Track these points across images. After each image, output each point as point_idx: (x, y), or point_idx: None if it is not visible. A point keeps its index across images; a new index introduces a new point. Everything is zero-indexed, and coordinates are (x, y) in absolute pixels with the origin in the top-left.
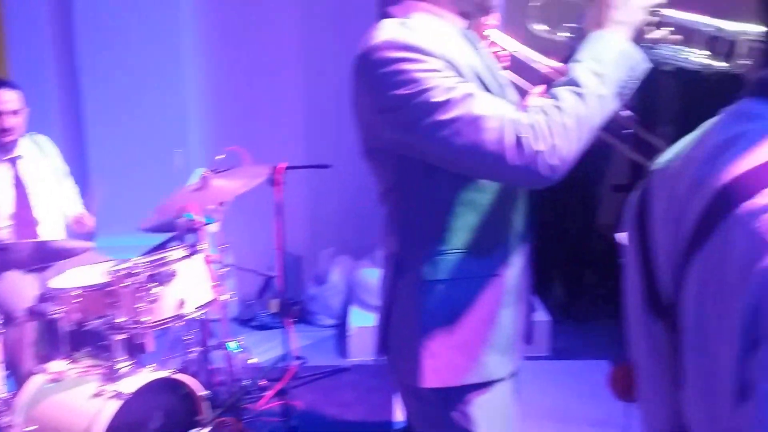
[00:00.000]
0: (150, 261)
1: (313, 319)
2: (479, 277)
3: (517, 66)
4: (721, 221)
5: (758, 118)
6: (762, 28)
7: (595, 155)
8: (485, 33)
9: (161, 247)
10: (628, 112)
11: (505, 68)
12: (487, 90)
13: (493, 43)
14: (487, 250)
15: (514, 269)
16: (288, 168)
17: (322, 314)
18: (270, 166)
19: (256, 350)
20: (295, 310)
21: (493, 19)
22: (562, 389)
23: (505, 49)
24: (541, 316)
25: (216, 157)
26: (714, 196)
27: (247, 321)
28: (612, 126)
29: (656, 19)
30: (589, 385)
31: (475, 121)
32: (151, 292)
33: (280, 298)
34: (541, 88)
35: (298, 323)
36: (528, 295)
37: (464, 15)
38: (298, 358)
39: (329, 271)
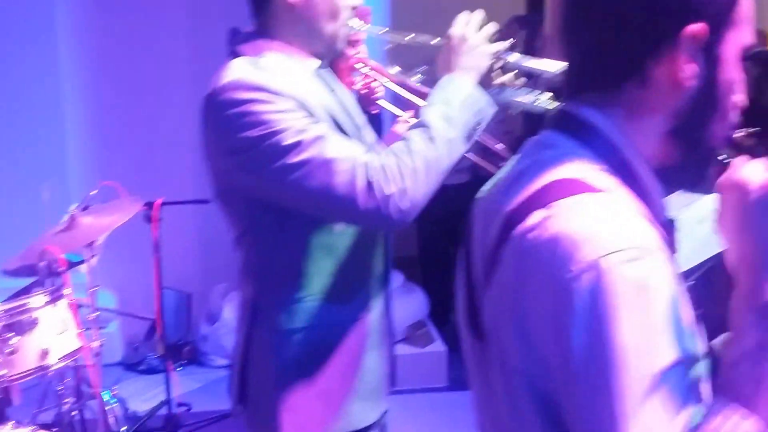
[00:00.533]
0: (6, 309)
1: (206, 360)
2: (339, 323)
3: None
4: (504, 245)
5: (550, 148)
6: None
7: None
8: (356, 66)
9: (24, 292)
10: (501, 146)
11: (378, 99)
12: (342, 131)
13: (365, 75)
14: (346, 294)
15: (375, 312)
16: (164, 204)
17: (214, 354)
18: (145, 201)
19: (143, 396)
20: (185, 352)
21: (361, 51)
22: (461, 420)
23: (376, 80)
24: (438, 346)
25: (90, 193)
26: (501, 224)
27: (134, 365)
28: (492, 159)
29: (501, 63)
30: None
31: (326, 164)
32: (9, 343)
33: (167, 340)
34: (410, 113)
35: (188, 365)
36: (390, 337)
37: (317, 56)
38: (181, 404)
39: (222, 308)
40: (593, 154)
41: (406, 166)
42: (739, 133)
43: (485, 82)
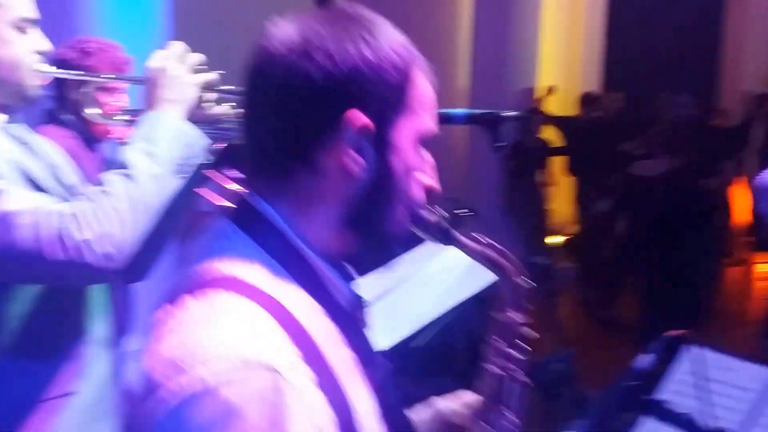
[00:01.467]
0: None
1: None
2: (45, 401)
3: None
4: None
5: (221, 238)
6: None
7: None
8: (113, 114)
9: None
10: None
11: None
12: (39, 186)
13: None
14: (52, 366)
15: (95, 381)
16: None
17: None
18: None
19: None
20: None
21: (121, 100)
22: None
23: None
24: None
25: None
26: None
27: None
28: None
29: (214, 95)
30: None
31: (3, 220)
32: None
33: None
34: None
35: None
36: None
37: (4, 108)
38: None
39: None
40: (261, 247)
41: (103, 209)
42: (426, 212)
43: (199, 114)
